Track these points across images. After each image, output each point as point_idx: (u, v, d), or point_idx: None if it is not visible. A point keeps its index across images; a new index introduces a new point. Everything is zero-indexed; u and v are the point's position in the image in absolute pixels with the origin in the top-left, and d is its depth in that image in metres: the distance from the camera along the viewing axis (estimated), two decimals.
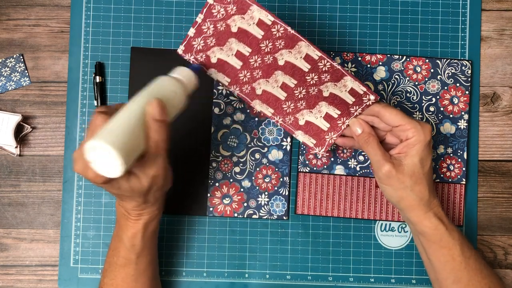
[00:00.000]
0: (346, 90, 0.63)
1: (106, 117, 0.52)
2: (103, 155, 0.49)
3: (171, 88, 0.57)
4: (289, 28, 0.60)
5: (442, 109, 0.72)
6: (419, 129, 0.60)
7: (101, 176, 0.51)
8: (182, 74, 0.59)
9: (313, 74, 0.63)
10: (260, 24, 0.61)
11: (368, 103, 0.64)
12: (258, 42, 0.62)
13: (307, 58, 0.62)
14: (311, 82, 0.64)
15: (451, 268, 0.62)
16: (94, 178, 0.52)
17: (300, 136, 0.68)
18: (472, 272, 0.62)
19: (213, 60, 0.64)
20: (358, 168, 0.72)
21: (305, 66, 0.63)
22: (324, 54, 0.61)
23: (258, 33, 0.61)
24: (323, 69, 0.62)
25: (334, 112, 0.65)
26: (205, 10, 0.61)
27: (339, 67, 0.62)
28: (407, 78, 0.72)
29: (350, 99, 0.64)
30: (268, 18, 0.60)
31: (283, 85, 0.64)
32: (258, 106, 0.67)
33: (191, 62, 0.64)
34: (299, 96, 0.65)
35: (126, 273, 0.62)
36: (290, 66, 0.63)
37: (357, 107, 0.64)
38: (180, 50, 0.64)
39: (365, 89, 0.62)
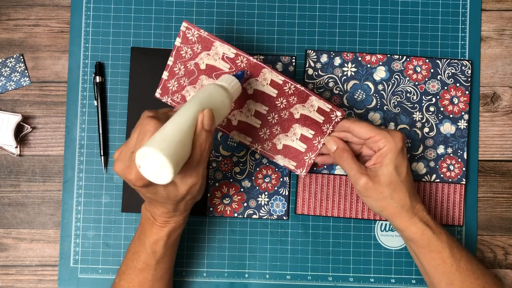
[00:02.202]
0: (314, 110, 0.65)
1: (157, 122, 0.52)
2: (154, 162, 0.49)
3: (220, 98, 0.58)
4: (251, 58, 0.63)
5: (442, 109, 0.72)
6: (389, 138, 0.61)
7: (142, 180, 0.51)
8: (228, 82, 0.60)
9: (282, 99, 0.65)
10: (225, 58, 0.63)
11: (336, 120, 0.65)
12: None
13: (273, 83, 0.64)
14: (281, 106, 0.66)
15: (443, 271, 0.62)
16: (135, 181, 0.52)
17: (280, 160, 0.69)
18: (465, 274, 0.62)
19: (189, 98, 0.65)
20: None
21: (272, 92, 0.65)
22: (287, 78, 0.63)
23: (224, 66, 0.64)
24: (289, 92, 0.64)
25: (308, 133, 0.67)
26: (174, 52, 0.64)
27: (302, 88, 0.64)
28: (407, 78, 0.72)
29: (320, 118, 0.65)
30: (230, 51, 0.63)
31: (256, 113, 0.66)
32: (236, 136, 0.68)
33: (168, 103, 0.66)
34: (273, 122, 0.67)
35: (144, 277, 0.62)
36: (259, 93, 0.65)
37: (328, 125, 0.66)
38: (157, 94, 0.66)
39: (330, 107, 0.64)
